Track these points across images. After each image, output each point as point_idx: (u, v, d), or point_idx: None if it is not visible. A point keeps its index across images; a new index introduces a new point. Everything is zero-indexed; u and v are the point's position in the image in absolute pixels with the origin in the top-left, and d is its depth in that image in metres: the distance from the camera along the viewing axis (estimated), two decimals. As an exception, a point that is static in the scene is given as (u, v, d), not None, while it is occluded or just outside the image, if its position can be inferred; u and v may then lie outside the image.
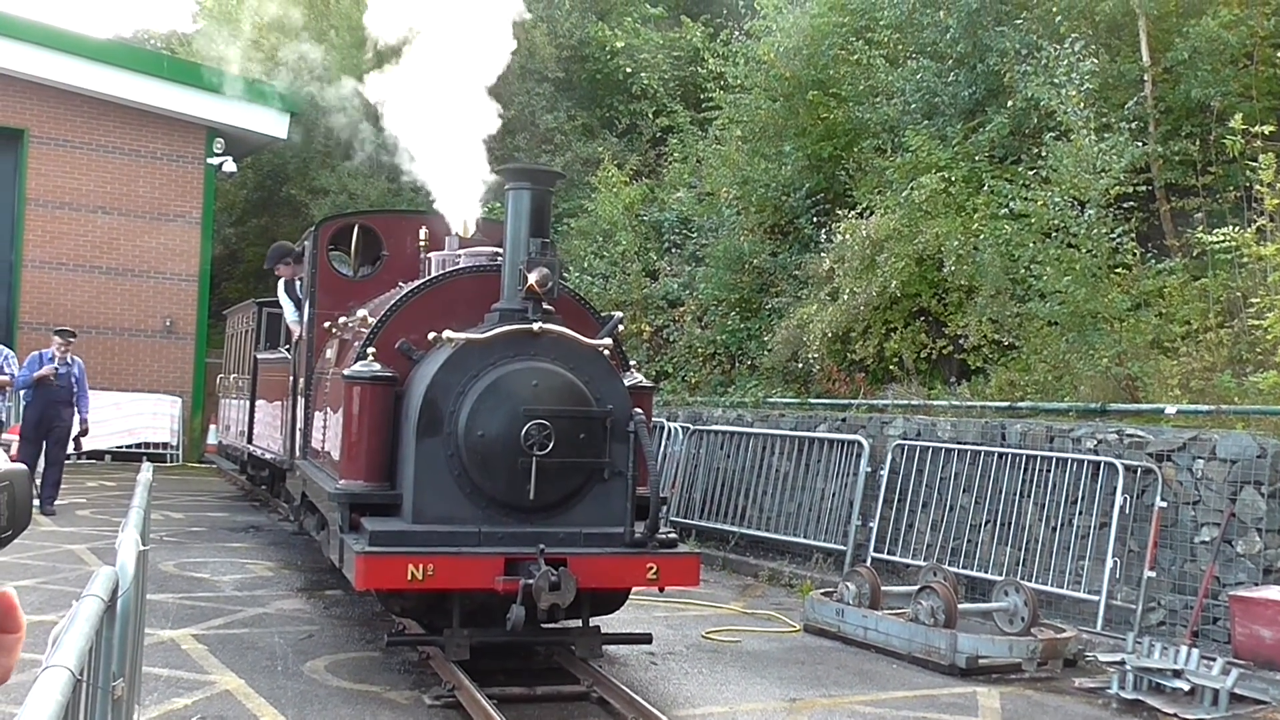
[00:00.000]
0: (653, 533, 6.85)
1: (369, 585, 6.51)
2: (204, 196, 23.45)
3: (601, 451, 6.95)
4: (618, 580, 6.98)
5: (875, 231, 15.48)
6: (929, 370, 15.79)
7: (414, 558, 6.32)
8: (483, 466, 6.78)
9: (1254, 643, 8.16)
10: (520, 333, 6.95)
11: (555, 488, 6.86)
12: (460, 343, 6.91)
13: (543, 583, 6.22)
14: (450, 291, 7.70)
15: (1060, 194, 13.52)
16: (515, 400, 6.73)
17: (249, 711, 6.54)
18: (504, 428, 6.71)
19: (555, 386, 6.84)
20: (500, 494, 6.82)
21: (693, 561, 7.07)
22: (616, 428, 6.96)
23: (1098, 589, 9.59)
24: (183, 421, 22.68)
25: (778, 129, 19.15)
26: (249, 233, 30.02)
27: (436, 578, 6.32)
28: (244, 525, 14.30)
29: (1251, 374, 11.87)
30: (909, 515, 11.73)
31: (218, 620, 8.82)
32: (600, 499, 7.01)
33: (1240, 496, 9.10)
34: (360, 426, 7.11)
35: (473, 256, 8.17)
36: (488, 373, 6.82)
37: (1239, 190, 13.88)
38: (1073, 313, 13.13)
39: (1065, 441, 10.54)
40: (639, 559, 6.81)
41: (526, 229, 7.08)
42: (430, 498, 6.78)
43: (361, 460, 7.08)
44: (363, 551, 6.36)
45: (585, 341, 7.17)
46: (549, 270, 6.88)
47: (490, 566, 6.42)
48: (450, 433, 6.80)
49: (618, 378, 7.28)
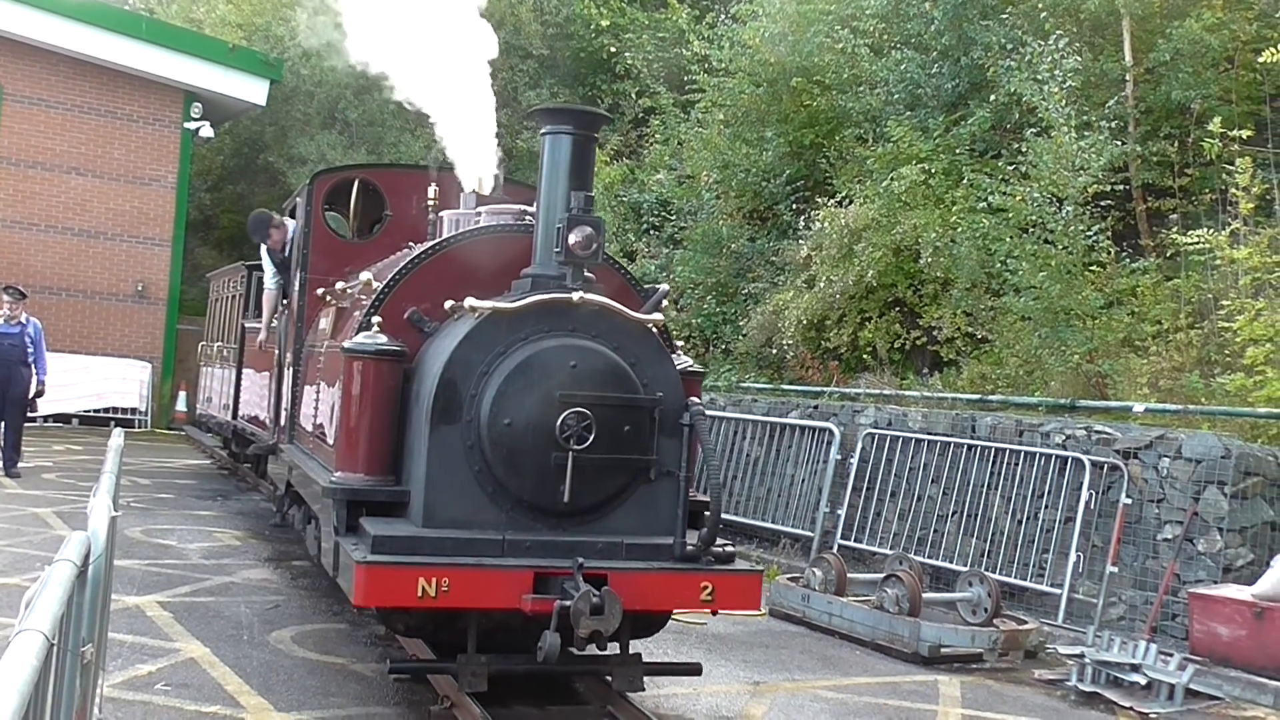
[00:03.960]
0: (708, 545, 5.80)
1: (371, 602, 5.46)
2: (180, 161, 23.25)
3: (648, 447, 5.88)
4: (665, 601, 5.86)
5: (854, 220, 15.53)
6: (902, 360, 15.88)
7: (426, 570, 5.27)
8: (508, 462, 5.68)
9: (1211, 640, 8.29)
10: (557, 303, 5.84)
11: (594, 489, 5.80)
12: (485, 313, 5.81)
13: (583, 605, 5.19)
14: (470, 254, 6.58)
15: (1039, 190, 13.60)
16: (549, 383, 5.65)
17: (213, 680, 6.53)
18: (536, 416, 5.63)
19: (597, 369, 5.76)
20: (528, 495, 5.74)
21: (754, 580, 5.93)
22: (666, 419, 5.91)
23: (1060, 582, 9.69)
24: (152, 387, 22.54)
25: (760, 114, 19.16)
26: (225, 199, 29.80)
27: (452, 594, 5.28)
28: (212, 493, 14.25)
29: (1219, 375, 12.00)
30: (877, 504, 11.81)
31: (184, 588, 8.79)
32: (645, 503, 5.96)
33: (1203, 496, 9.21)
34: (362, 409, 6.01)
35: (495, 214, 7.02)
36: (517, 349, 5.74)
37: (1215, 193, 14.00)
38: (1046, 308, 13.22)
39: (1034, 436, 10.63)
40: (692, 576, 5.73)
41: (565, 180, 5.96)
42: (445, 497, 5.70)
43: (362, 450, 6.01)
44: (364, 561, 5.28)
45: (633, 316, 6.05)
46: (593, 230, 5.79)
47: (516, 582, 5.40)
48: (470, 420, 5.72)
49: (669, 360, 6.17)
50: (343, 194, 9.19)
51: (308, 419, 8.11)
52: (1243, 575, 8.94)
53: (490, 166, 7.55)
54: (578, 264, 5.87)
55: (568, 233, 5.77)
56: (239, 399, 14.29)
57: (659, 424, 5.90)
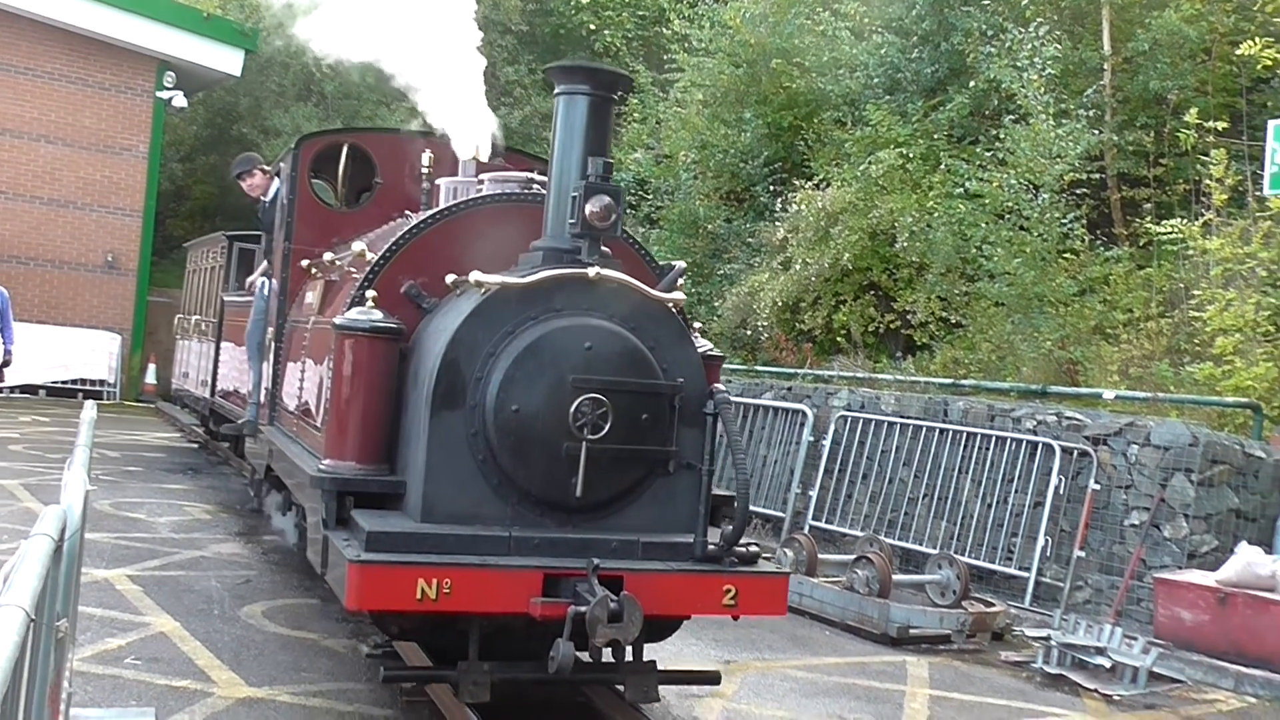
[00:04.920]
0: (732, 545, 5.35)
1: (366, 605, 4.99)
2: (152, 131, 23.00)
3: (668, 437, 5.44)
4: (684, 605, 5.43)
5: (831, 203, 15.57)
6: (876, 344, 15.95)
7: (426, 569, 4.81)
8: (516, 452, 5.20)
9: (1174, 624, 8.40)
10: (572, 279, 5.34)
11: (608, 483, 5.34)
12: (493, 288, 5.29)
13: (600, 612, 4.72)
14: (473, 225, 6.10)
15: (1015, 177, 13.66)
16: (562, 367, 5.18)
17: (184, 654, 6.52)
18: (547, 402, 5.16)
19: (614, 351, 5.31)
20: (537, 488, 5.27)
21: (780, 584, 5.49)
22: (687, 407, 5.46)
23: (1028, 566, 9.79)
24: (122, 359, 22.37)
25: (739, 95, 19.15)
26: (197, 170, 29.54)
27: (455, 597, 4.82)
28: (182, 467, 14.18)
29: (1189, 364, 12.12)
30: (849, 486, 11.88)
31: (153, 562, 8.76)
32: (662, 499, 5.52)
33: (1171, 483, 9.32)
34: (354, 392, 5.51)
35: (499, 183, 6.49)
36: (527, 329, 5.27)
37: (1189, 184, 14.10)
38: (1020, 295, 13.31)
39: (1005, 421, 10.71)
40: (714, 578, 5.29)
41: (581, 145, 5.45)
42: (446, 489, 5.22)
43: (354, 436, 5.51)
44: (359, 560, 4.80)
45: (653, 294, 5.57)
46: (612, 199, 5.29)
47: (524, 583, 4.95)
48: (475, 406, 5.22)
49: (690, 344, 5.68)
50: (330, 160, 8.73)
51: (291, 398, 7.67)
52: (1207, 561, 9.06)
53: (486, 132, 7.09)
54: (595, 236, 5.36)
55: (584, 202, 5.26)
56: (217, 375, 13.88)
57: (679, 412, 5.46)
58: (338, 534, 5.20)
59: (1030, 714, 7.03)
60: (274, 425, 8.04)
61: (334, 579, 5.20)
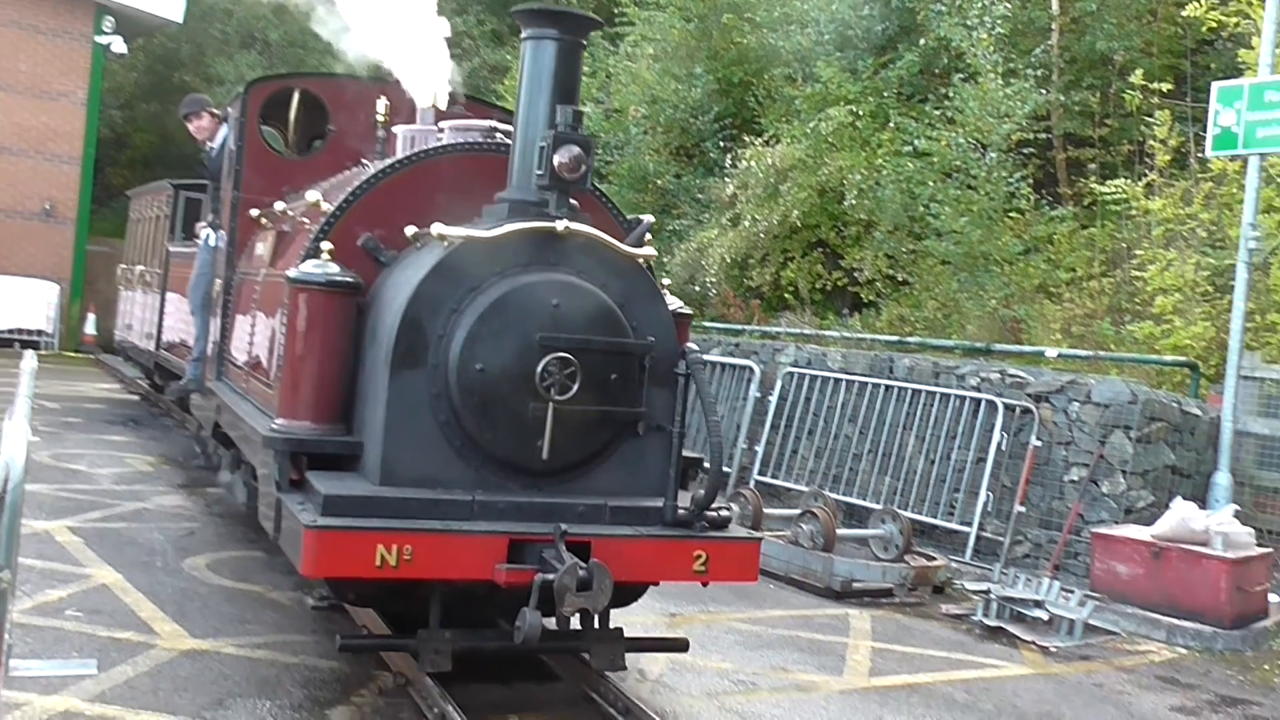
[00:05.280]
0: (703, 509, 5.18)
1: (322, 572, 4.78)
2: (90, 77, 22.48)
3: (636, 398, 5.25)
4: (653, 572, 5.25)
5: (780, 160, 15.57)
6: (823, 301, 16.04)
7: (386, 535, 4.60)
8: (481, 412, 5.00)
9: (1110, 578, 8.57)
10: (539, 233, 5.14)
11: (576, 445, 5.16)
12: (456, 242, 5.09)
13: (569, 580, 4.56)
14: (432, 175, 5.83)
15: (964, 135, 13.72)
16: (529, 324, 4.98)
17: (126, 606, 6.46)
18: (513, 361, 4.96)
19: (583, 309, 5.11)
20: (502, 450, 5.08)
21: (752, 549, 5.33)
22: (657, 367, 5.28)
23: (970, 521, 9.94)
24: (60, 309, 21.97)
25: (690, 50, 19.05)
26: (138, 118, 28.97)
27: (416, 563, 4.62)
28: (123, 418, 13.98)
29: (1129, 323, 12.32)
30: (794, 441, 11.97)
31: (94, 513, 8.65)
32: (631, 461, 5.35)
33: (1110, 440, 9.48)
34: (308, 348, 5.29)
35: (460, 131, 6.23)
36: (492, 285, 5.05)
37: (1133, 145, 14.26)
38: (966, 253, 13.42)
39: (950, 378, 10.83)
40: (684, 544, 5.12)
41: (549, 92, 5.23)
42: (406, 451, 5.02)
43: (309, 394, 5.29)
44: (314, 525, 4.58)
45: (624, 250, 5.40)
46: (583, 150, 5.06)
47: (489, 549, 4.76)
48: (437, 365, 5.03)
49: (662, 301, 5.51)
50: (280, 106, 8.41)
51: (240, 353, 7.40)
52: (1143, 516, 9.25)
53: (444, 78, 6.79)
54: (563, 189, 5.15)
55: (552, 152, 5.02)
56: (163, 327, 13.57)
57: (649, 373, 5.28)
58: (291, 497, 4.99)
59: (969, 665, 7.17)
60: (222, 380, 7.80)
61: (288, 544, 4.98)
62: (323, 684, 5.55)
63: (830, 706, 6.06)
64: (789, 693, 6.22)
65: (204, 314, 8.95)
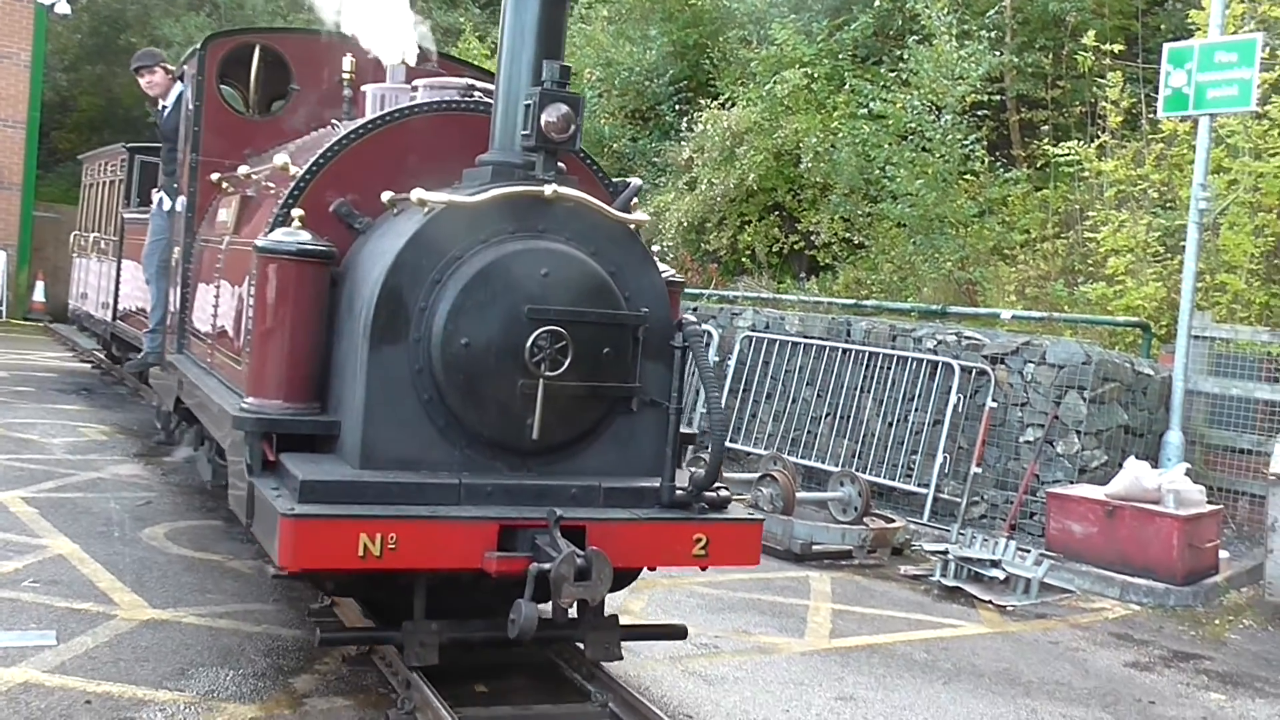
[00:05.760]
0: (703, 490, 4.90)
1: (302, 564, 4.39)
2: (34, 38, 21.97)
3: (629, 373, 4.98)
4: (651, 557, 4.97)
5: (736, 123, 15.56)
6: (780, 264, 16.08)
7: (368, 523, 4.30)
8: (466, 390, 4.71)
9: (1065, 537, 8.70)
10: (525, 197, 4.81)
11: (567, 423, 4.87)
12: (437, 208, 4.75)
13: (566, 569, 4.29)
14: (407, 136, 5.50)
15: (918, 98, 13.75)
16: (516, 295, 4.68)
17: (84, 577, 6.39)
18: (500, 335, 4.67)
19: (573, 278, 4.81)
20: (489, 430, 4.79)
21: (753, 531, 5.02)
22: (651, 339, 5.01)
23: (927, 483, 10.04)
24: (7, 276, 21.59)
25: (644, 12, 18.93)
26: (83, 80, 28.39)
27: (401, 553, 4.34)
28: (75, 387, 13.80)
29: (1082, 284, 12.45)
30: (753, 405, 12.02)
31: (48, 484, 8.54)
32: (623, 439, 5.07)
33: (1064, 400, 9.59)
34: (280, 322, 4.97)
35: (436, 89, 5.86)
36: (476, 254, 4.74)
37: (1085, 106, 14.35)
38: (921, 216, 13.48)
39: (906, 341, 10.90)
40: (683, 526, 4.83)
41: (533, 46, 4.91)
42: (387, 432, 4.70)
43: (281, 371, 4.97)
44: (292, 514, 4.26)
45: (614, 214, 5.07)
46: (571, 109, 4.73)
47: (478, 536, 4.49)
48: (419, 339, 4.71)
49: (655, 269, 5.22)
50: (240, 64, 7.96)
51: (203, 325, 7.05)
52: (1097, 476, 9.38)
53: (412, 34, 6.52)
54: (551, 150, 4.80)
55: (539, 111, 4.68)
56: (119, 296, 13.20)
57: (642, 345, 5.00)
58: (265, 481, 4.70)
59: (928, 625, 7.26)
60: (184, 353, 7.50)
61: (262, 533, 4.67)
62: (286, 652, 5.54)
63: (792, 668, 6.12)
64: (751, 655, 6.27)
65: (160, 282, 8.69)
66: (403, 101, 5.91)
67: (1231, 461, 10.22)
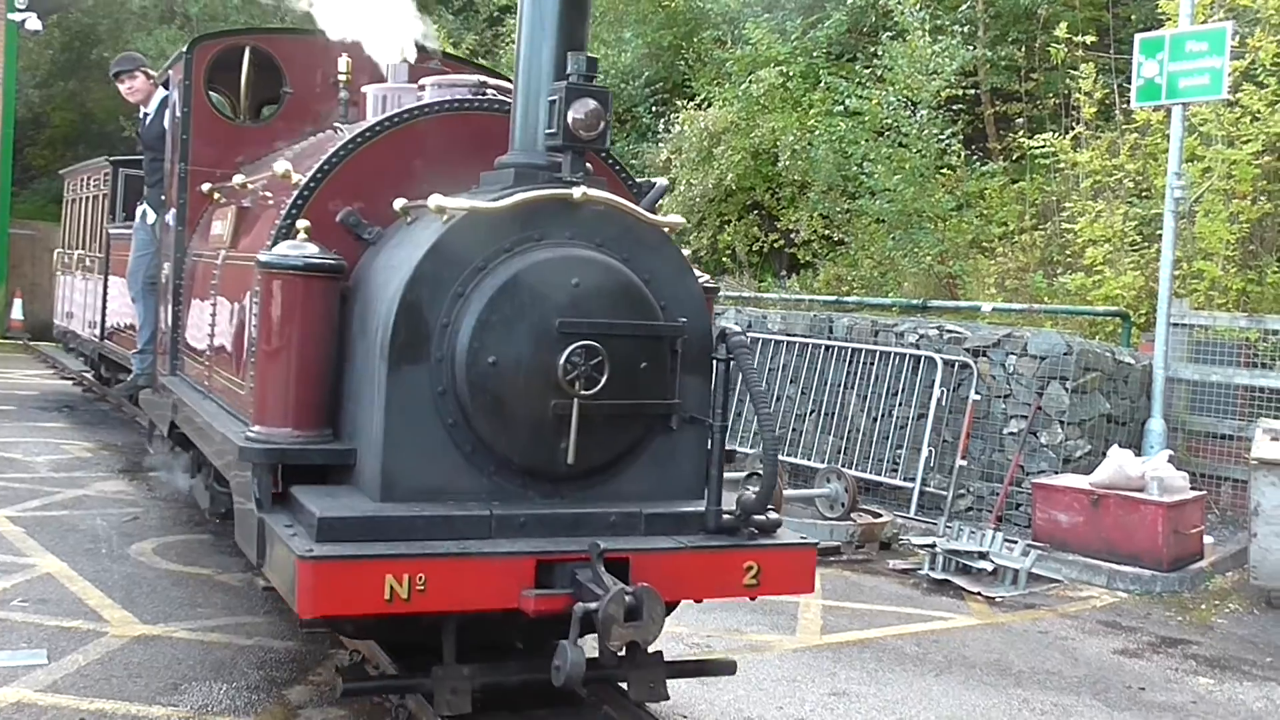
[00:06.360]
0: (754, 513, 4.49)
1: (323, 611, 3.96)
2: (4, 54, 21.82)
3: (669, 388, 4.58)
4: (699, 589, 4.55)
5: (713, 123, 15.60)
6: (760, 263, 16.12)
7: (395, 563, 3.93)
8: (494, 412, 4.31)
9: (1051, 526, 8.76)
10: (552, 201, 4.42)
11: (603, 445, 4.48)
12: (457, 215, 4.35)
13: (615, 609, 3.90)
14: (418, 139, 5.10)
15: (894, 94, 13.81)
16: (546, 308, 4.29)
17: (73, 595, 6.38)
18: (530, 352, 4.28)
19: (607, 288, 4.42)
20: (519, 455, 4.39)
21: (808, 557, 4.63)
22: (690, 351, 4.62)
23: (913, 476, 10.08)
24: (-16, 295, 21.49)
25: (618, 14, 18.95)
26: (55, 96, 28.24)
27: (430, 595, 3.95)
28: (57, 404, 13.74)
29: (1061, 275, 12.52)
30: (738, 404, 12.03)
31: (34, 502, 8.51)
32: (662, 460, 4.68)
33: (1047, 391, 9.65)
34: (287, 343, 4.57)
35: (446, 88, 5.46)
36: (502, 264, 4.35)
37: (1059, 98, 14.44)
38: (900, 211, 13.54)
39: (889, 336, 10.94)
40: (734, 555, 4.44)
41: (555, 37, 4.52)
42: (409, 460, 4.32)
43: (290, 395, 4.58)
44: (310, 556, 3.87)
45: (648, 217, 4.69)
46: (600, 104, 4.35)
47: (514, 573, 4.10)
48: (442, 358, 4.32)
49: (691, 275, 4.81)
50: (228, 66, 7.50)
51: (199, 344, 6.66)
52: (1081, 465, 9.44)
53: (411, 31, 6.19)
54: (579, 149, 4.42)
55: (566, 107, 4.29)
56: (107, 315, 12.70)
57: (680, 358, 4.60)
58: (276, 517, 4.33)
59: (918, 619, 7.29)
60: (177, 375, 7.11)
61: (277, 576, 4.24)
62: (279, 664, 5.53)
63: (785, 665, 6.14)
64: (743, 653, 6.28)
65: (148, 300, 8.28)
66: (408, 102, 5.48)
67: (1213, 447, 10.29)
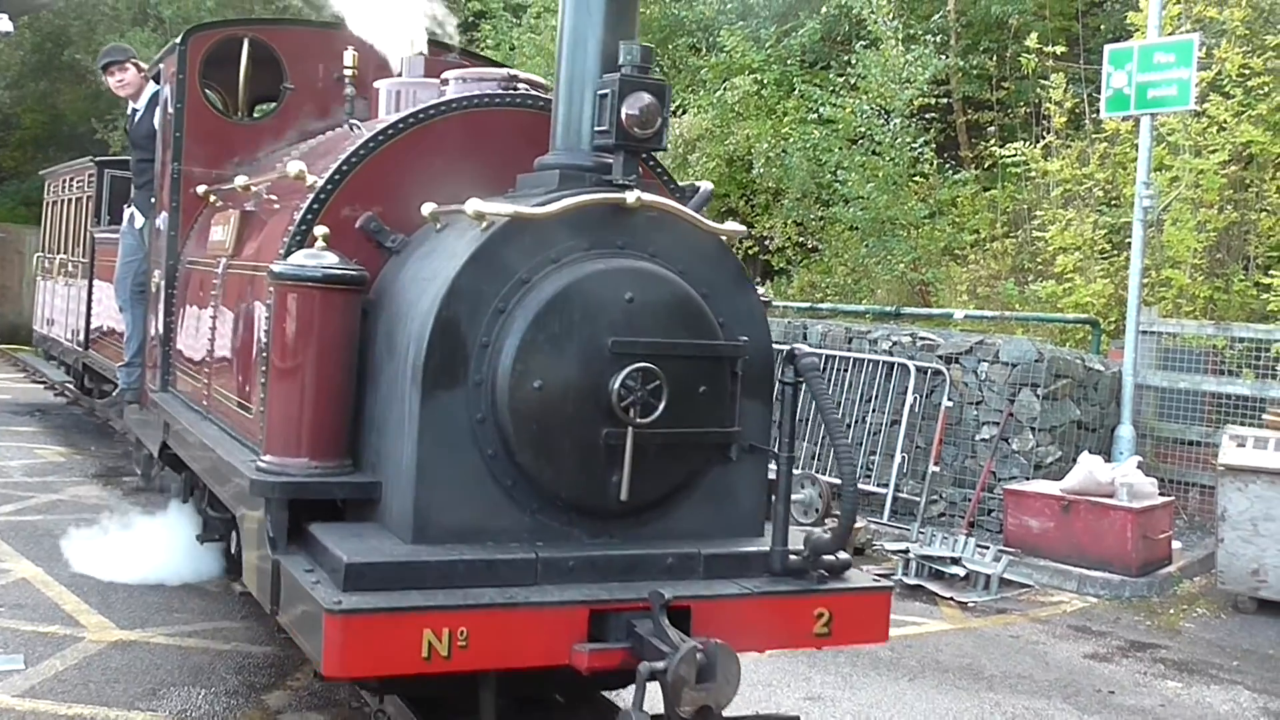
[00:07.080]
0: (824, 554, 4.03)
1: (353, 671, 3.56)
2: (-25, 56, 21.73)
3: (729, 415, 4.08)
4: (764, 639, 4.07)
5: (688, 131, 15.66)
6: (735, 270, 16.18)
7: (434, 615, 3.44)
8: (539, 442, 3.83)
9: (1023, 532, 8.85)
10: (603, 205, 3.94)
11: (658, 478, 3.99)
12: (498, 222, 3.85)
13: (687, 670, 3.39)
14: (444, 137, 4.61)
15: (867, 102, 13.91)
16: (598, 326, 3.83)
17: (49, 600, 6.36)
18: (580, 375, 3.82)
19: (663, 303, 3.94)
20: (567, 489, 3.91)
21: (883, 601, 4.19)
22: (751, 373, 4.11)
23: (886, 482, 10.16)
24: (-46, 298, 21.30)
25: (594, 21, 18.98)
26: (26, 98, 28.02)
27: (472, 651, 3.47)
28: (29, 408, 13.65)
29: (1032, 283, 12.65)
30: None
31: (7, 507, 8.47)
32: (719, 494, 4.19)
33: (1018, 398, 9.75)
34: (304, 363, 4.08)
35: (472, 82, 4.93)
36: (547, 277, 3.86)
37: (1029, 107, 14.59)
38: (873, 218, 13.65)
39: (862, 343, 11.02)
40: (803, 601, 3.98)
41: (603, 26, 4.04)
42: (444, 495, 3.82)
43: (306, 422, 4.09)
44: (339, 609, 3.36)
45: (706, 225, 4.19)
46: (657, 100, 3.85)
47: (564, 625, 3.62)
48: (481, 382, 3.82)
49: (751, 290, 4.33)
50: (224, 60, 6.96)
51: (195, 362, 6.17)
52: (1052, 471, 9.54)
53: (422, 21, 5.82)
54: (632, 150, 3.93)
55: (619, 102, 3.79)
56: (91, 323, 12.03)
57: (740, 381, 4.10)
58: (295, 560, 3.84)
59: (892, 624, 7.33)
60: (169, 392, 6.62)
61: (299, 628, 3.72)
62: (257, 669, 5.54)
63: (760, 669, 6.18)
64: (720, 657, 6.33)
65: (136, 309, 7.67)
66: (426, 97, 4.98)
67: (1181, 453, 10.43)
